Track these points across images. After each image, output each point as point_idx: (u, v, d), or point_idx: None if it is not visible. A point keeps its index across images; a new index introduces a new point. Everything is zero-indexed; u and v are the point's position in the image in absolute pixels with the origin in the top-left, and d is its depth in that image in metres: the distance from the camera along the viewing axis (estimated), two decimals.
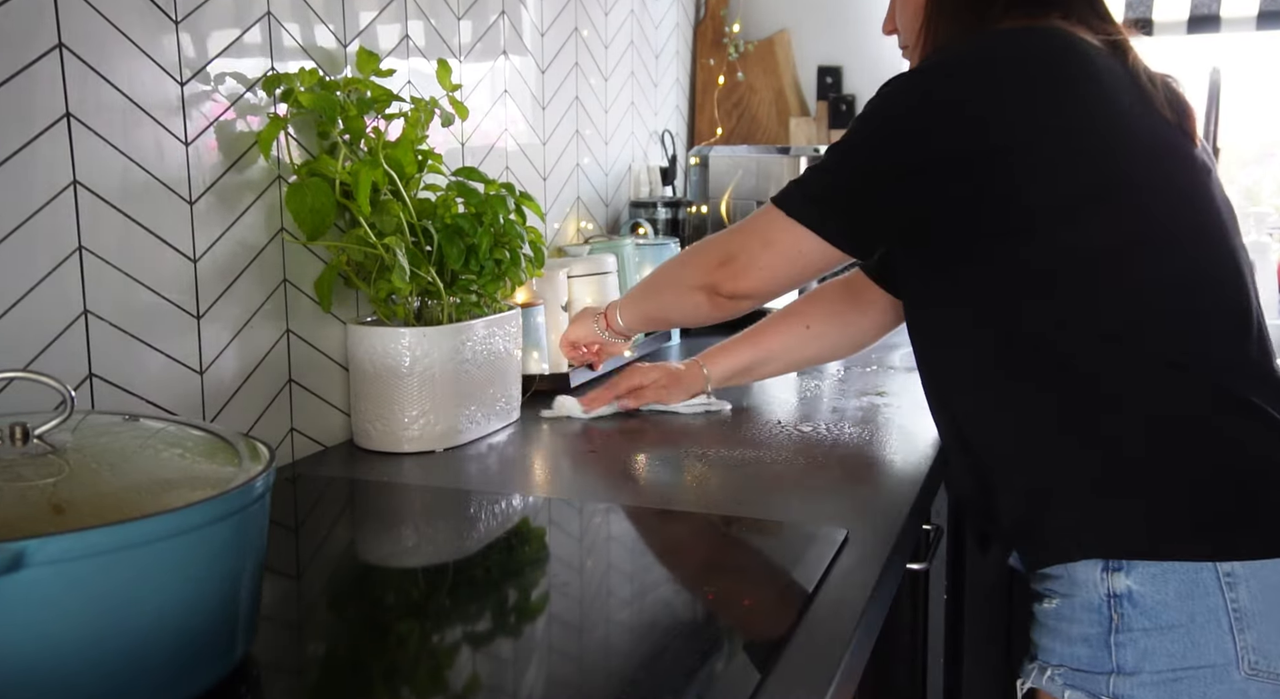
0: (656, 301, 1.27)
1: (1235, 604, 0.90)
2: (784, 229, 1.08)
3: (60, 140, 0.95)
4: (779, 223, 1.08)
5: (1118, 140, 0.96)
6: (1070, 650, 0.97)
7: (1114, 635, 0.93)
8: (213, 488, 0.66)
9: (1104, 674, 0.94)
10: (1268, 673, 0.89)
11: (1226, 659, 0.89)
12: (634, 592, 0.90)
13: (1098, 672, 0.94)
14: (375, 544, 1.05)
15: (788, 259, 1.09)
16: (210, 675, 0.68)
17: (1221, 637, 0.90)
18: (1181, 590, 0.91)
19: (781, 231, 1.08)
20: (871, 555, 0.94)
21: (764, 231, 1.11)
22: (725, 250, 1.14)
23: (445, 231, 1.28)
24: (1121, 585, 0.93)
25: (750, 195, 2.14)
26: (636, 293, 1.32)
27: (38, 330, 0.94)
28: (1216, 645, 0.90)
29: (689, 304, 1.19)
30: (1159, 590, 0.91)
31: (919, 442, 1.31)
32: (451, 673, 0.76)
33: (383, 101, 1.24)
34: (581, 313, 1.41)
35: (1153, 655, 0.91)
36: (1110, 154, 0.95)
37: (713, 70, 2.61)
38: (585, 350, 1.41)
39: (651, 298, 1.28)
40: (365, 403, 1.27)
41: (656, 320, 1.34)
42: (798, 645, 0.77)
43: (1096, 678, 0.94)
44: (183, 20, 1.06)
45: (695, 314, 1.20)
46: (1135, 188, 0.96)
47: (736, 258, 1.12)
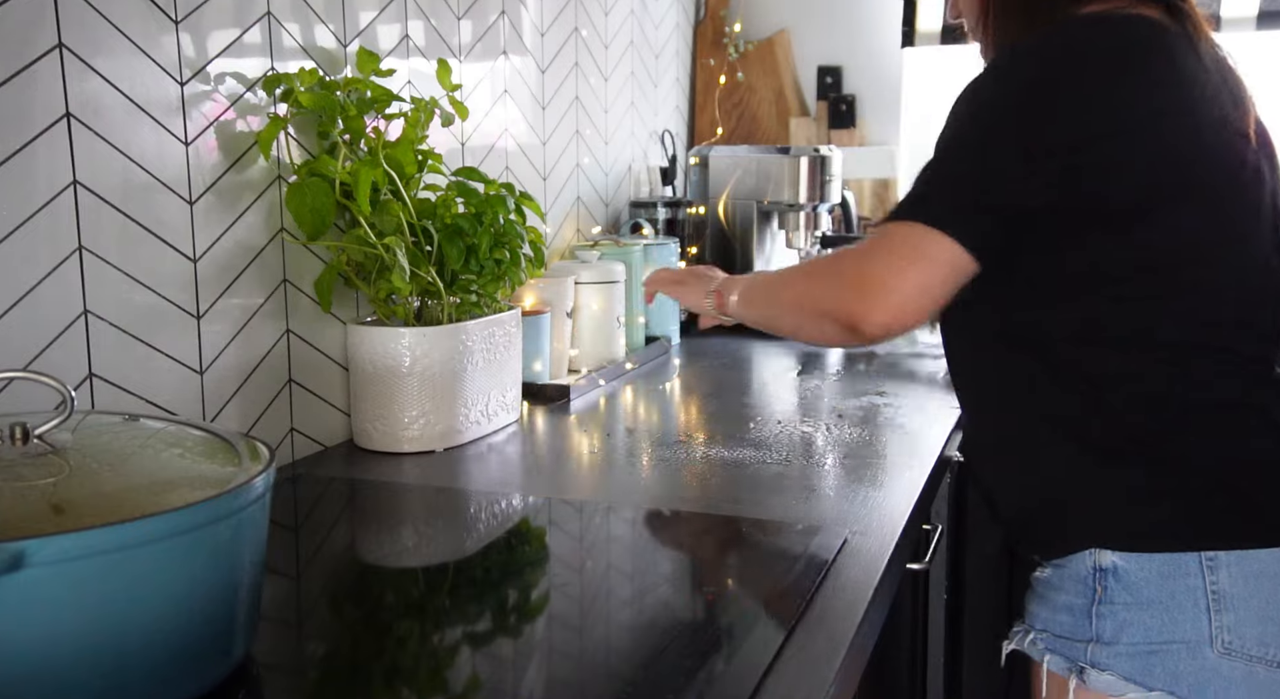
0: (778, 317, 1.15)
1: (1215, 587, 0.93)
2: (931, 244, 0.96)
3: (60, 140, 0.95)
4: (922, 238, 0.96)
5: (1193, 137, 0.94)
6: (1054, 617, 1.01)
7: (1096, 606, 0.97)
8: (213, 488, 0.66)
9: (1083, 642, 0.98)
10: (1240, 653, 0.93)
11: (1201, 637, 0.93)
12: (634, 592, 0.90)
13: (1077, 639, 0.98)
14: (375, 544, 1.05)
15: (937, 277, 0.97)
16: (210, 675, 0.68)
17: (1198, 616, 0.93)
18: (1164, 570, 0.94)
19: (929, 247, 0.96)
20: (871, 555, 0.94)
21: (904, 249, 0.97)
22: (862, 273, 0.99)
23: (445, 231, 1.28)
24: (1108, 561, 0.96)
25: (750, 195, 2.14)
26: (759, 292, 1.20)
27: (38, 330, 0.94)
28: (1193, 624, 0.93)
29: (815, 331, 1.07)
30: (1142, 567, 0.95)
31: (919, 441, 1.31)
32: (451, 673, 0.76)
33: (383, 101, 1.24)
34: (693, 273, 1.34)
35: (1130, 628, 0.95)
36: (1185, 151, 0.94)
37: (713, 70, 2.61)
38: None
39: (774, 309, 1.16)
40: (365, 403, 1.27)
41: (773, 329, 1.21)
42: (798, 645, 0.77)
43: (1076, 645, 0.99)
44: (183, 20, 1.06)
45: (822, 341, 1.09)
46: (1204, 188, 0.95)
47: (878, 282, 0.98)
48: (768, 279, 1.21)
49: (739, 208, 2.15)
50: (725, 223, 2.17)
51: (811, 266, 1.11)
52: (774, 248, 2.20)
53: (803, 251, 2.19)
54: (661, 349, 1.91)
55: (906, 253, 0.96)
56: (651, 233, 2.14)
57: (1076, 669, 0.98)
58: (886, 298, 0.97)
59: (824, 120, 2.62)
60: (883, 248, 0.99)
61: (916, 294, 0.96)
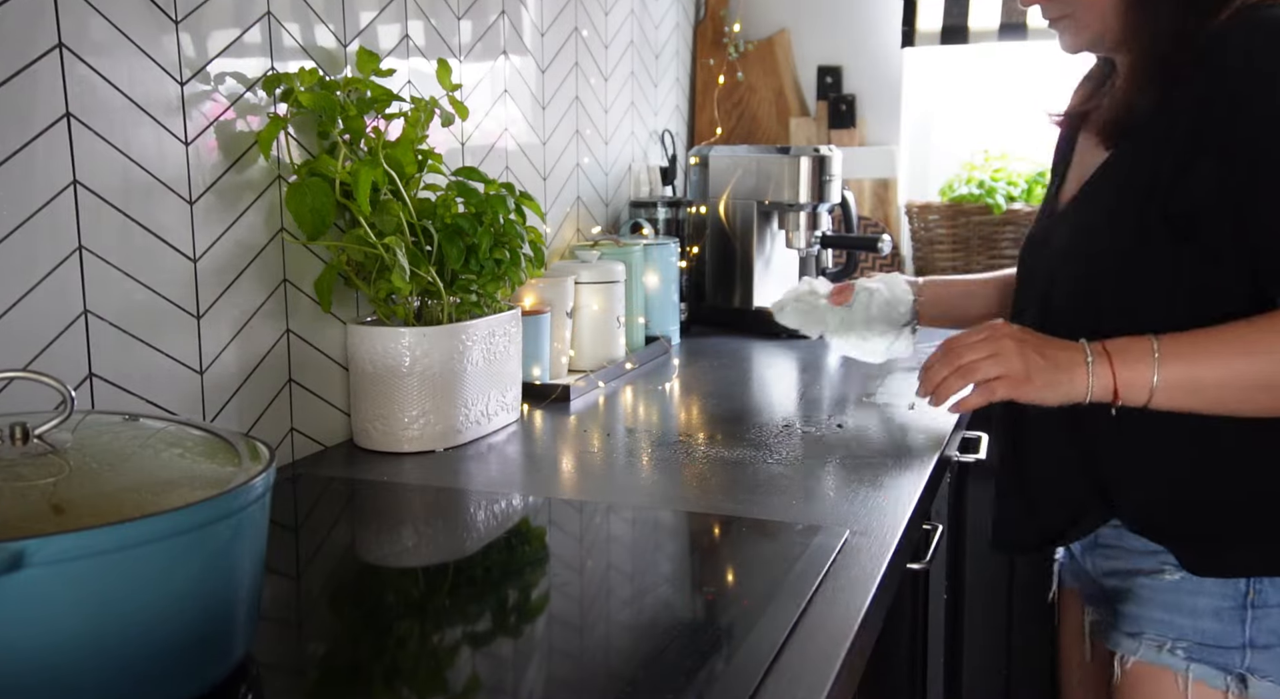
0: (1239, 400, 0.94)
1: None
2: None
3: (60, 140, 0.95)
4: None
5: None
6: (1195, 624, 0.95)
7: (1249, 610, 0.92)
8: (213, 488, 0.66)
9: (1236, 648, 0.93)
10: None
11: None
12: (634, 592, 0.90)
13: (1229, 646, 0.93)
14: (375, 544, 1.05)
15: None
16: (210, 675, 0.68)
17: None
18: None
19: None
20: (871, 555, 0.94)
21: None
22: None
23: (445, 231, 1.28)
24: None
25: (750, 195, 2.14)
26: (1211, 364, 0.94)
27: (38, 330, 0.94)
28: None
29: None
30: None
31: (919, 441, 1.31)
32: (451, 673, 0.76)
33: (383, 102, 1.24)
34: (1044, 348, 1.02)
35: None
36: None
37: (713, 70, 2.61)
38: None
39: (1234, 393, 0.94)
40: (365, 403, 1.27)
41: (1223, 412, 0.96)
42: (798, 645, 0.77)
43: (1228, 652, 0.93)
44: (183, 20, 1.06)
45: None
46: None
47: None
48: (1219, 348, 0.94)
49: (739, 208, 2.15)
50: (725, 223, 2.17)
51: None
52: (774, 248, 2.20)
53: (803, 251, 2.19)
54: (661, 349, 1.91)
55: None
56: (651, 233, 2.14)
57: (1236, 678, 0.92)
58: None
59: (824, 120, 2.62)
60: None
61: None
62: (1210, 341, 0.94)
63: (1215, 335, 0.94)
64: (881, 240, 2.07)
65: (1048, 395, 0.99)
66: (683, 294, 2.07)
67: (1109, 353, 0.97)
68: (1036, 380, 0.99)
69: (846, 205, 2.23)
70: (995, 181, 2.33)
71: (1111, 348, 0.97)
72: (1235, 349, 0.92)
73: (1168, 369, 0.94)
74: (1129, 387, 0.95)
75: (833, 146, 2.14)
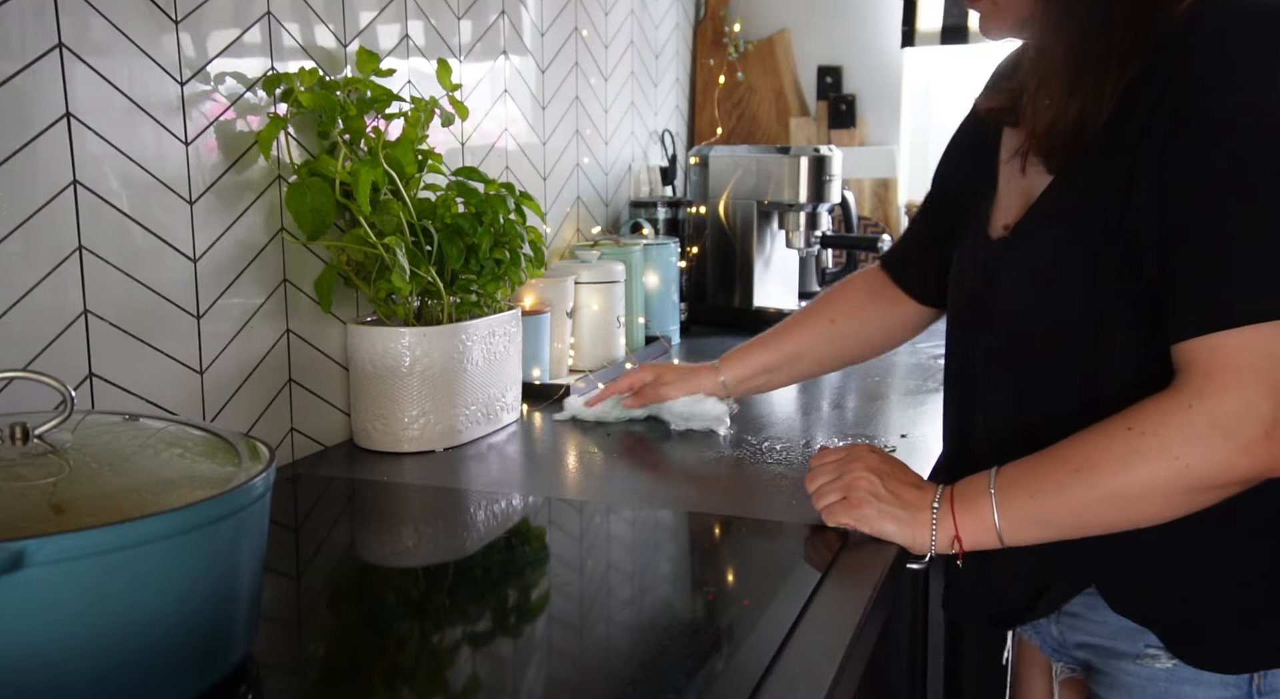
0: (1106, 512, 0.84)
1: None
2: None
3: (60, 140, 0.95)
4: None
5: None
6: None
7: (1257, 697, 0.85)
8: (213, 488, 0.66)
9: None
10: None
11: None
12: (634, 592, 0.90)
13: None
14: (375, 544, 1.05)
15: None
16: (210, 675, 0.68)
17: None
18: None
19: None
20: (871, 556, 0.94)
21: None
22: (1250, 421, 0.77)
23: (445, 231, 1.28)
24: None
25: (750, 195, 2.14)
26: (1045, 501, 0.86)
27: (38, 330, 0.94)
28: None
29: (1189, 507, 0.82)
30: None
31: (919, 442, 1.31)
32: (452, 673, 0.76)
33: (383, 102, 1.24)
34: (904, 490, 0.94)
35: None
36: None
37: (713, 70, 2.61)
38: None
39: (1091, 509, 0.84)
40: (365, 403, 1.27)
41: (1078, 535, 0.87)
42: (798, 645, 0.77)
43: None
44: (183, 20, 1.06)
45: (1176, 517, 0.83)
46: None
47: (1276, 416, 0.77)
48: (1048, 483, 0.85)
49: (739, 208, 2.15)
50: (725, 223, 2.17)
51: (1143, 441, 0.81)
52: (774, 248, 2.20)
53: (803, 251, 2.19)
54: (661, 349, 1.91)
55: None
56: (651, 233, 2.15)
57: None
58: None
59: (824, 120, 2.62)
60: (1248, 373, 0.77)
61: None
62: (1045, 466, 0.85)
63: (1049, 458, 0.85)
64: (881, 240, 2.07)
65: (887, 531, 0.93)
66: (683, 294, 2.07)
67: (954, 496, 0.89)
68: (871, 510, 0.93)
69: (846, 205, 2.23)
70: None
71: (957, 491, 0.89)
72: (1070, 469, 0.84)
73: (1007, 508, 0.86)
74: (973, 533, 0.88)
75: (833, 146, 2.14)
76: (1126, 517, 0.84)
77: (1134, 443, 0.81)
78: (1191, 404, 0.78)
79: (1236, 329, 0.76)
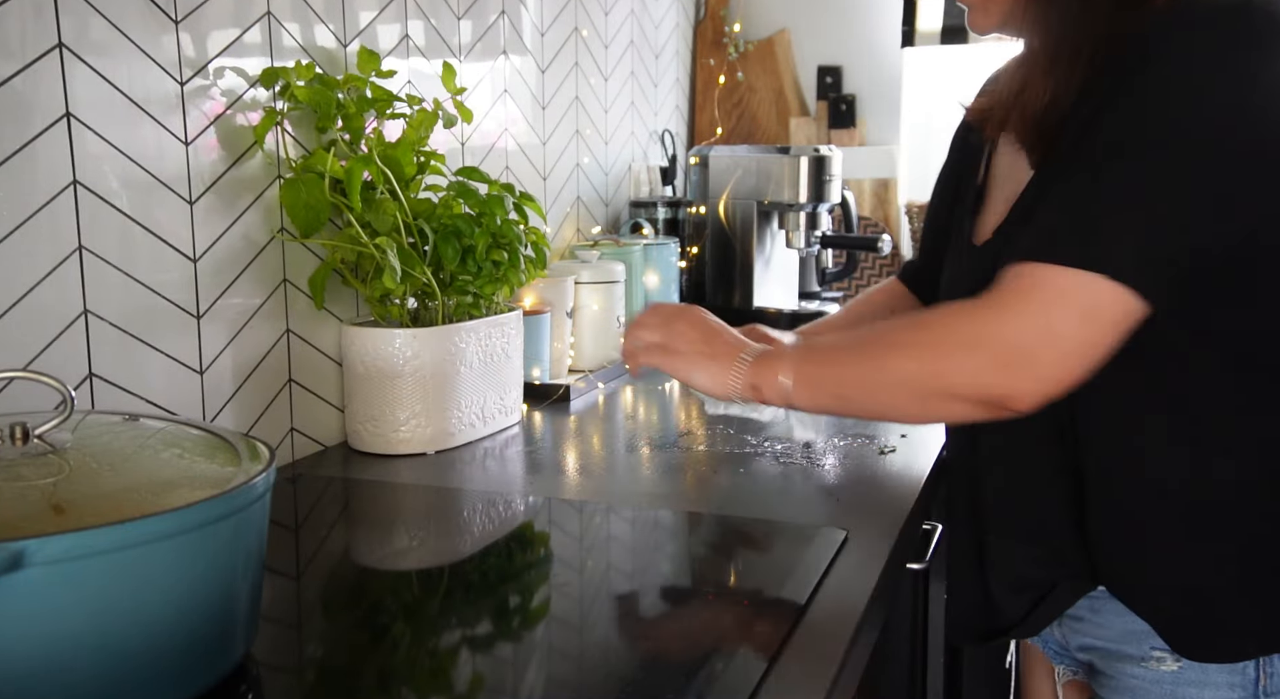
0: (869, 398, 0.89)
1: None
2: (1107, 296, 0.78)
3: (60, 140, 0.95)
4: (1094, 290, 0.78)
5: None
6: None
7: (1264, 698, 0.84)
8: (213, 488, 0.66)
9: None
10: None
11: None
12: (634, 592, 0.90)
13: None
14: (375, 545, 1.05)
15: (1113, 330, 0.79)
16: (210, 675, 0.68)
17: None
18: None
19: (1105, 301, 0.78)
20: (871, 555, 0.94)
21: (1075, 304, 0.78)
22: (1013, 345, 0.80)
23: (442, 232, 1.28)
24: None
25: (750, 195, 2.14)
26: (833, 372, 0.90)
27: (38, 330, 0.94)
28: None
29: (940, 414, 0.87)
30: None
31: (919, 441, 1.31)
32: (452, 673, 0.76)
33: (383, 103, 1.24)
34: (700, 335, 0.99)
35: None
36: None
37: (713, 70, 2.61)
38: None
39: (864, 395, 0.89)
40: (358, 404, 1.26)
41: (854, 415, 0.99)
42: (798, 645, 0.77)
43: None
44: (183, 20, 1.06)
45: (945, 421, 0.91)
46: None
47: (1038, 352, 0.79)
48: (842, 352, 0.91)
49: (739, 208, 2.15)
50: (725, 223, 2.17)
51: (918, 334, 0.86)
52: (774, 248, 2.20)
53: (803, 251, 2.19)
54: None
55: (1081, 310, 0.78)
56: (651, 233, 2.14)
57: None
58: (1054, 366, 0.79)
59: (824, 120, 2.62)
60: (1040, 306, 0.79)
61: (1087, 358, 0.79)
62: (845, 340, 0.92)
63: (853, 334, 0.92)
64: (881, 240, 2.07)
65: (695, 378, 0.97)
66: (683, 294, 2.07)
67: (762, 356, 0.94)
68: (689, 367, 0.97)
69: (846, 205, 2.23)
70: None
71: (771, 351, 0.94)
72: (857, 345, 0.89)
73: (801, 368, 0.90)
74: (770, 385, 0.92)
75: (833, 146, 2.14)
76: (881, 402, 0.88)
77: (915, 336, 0.85)
78: (980, 314, 0.82)
79: (1059, 267, 0.78)
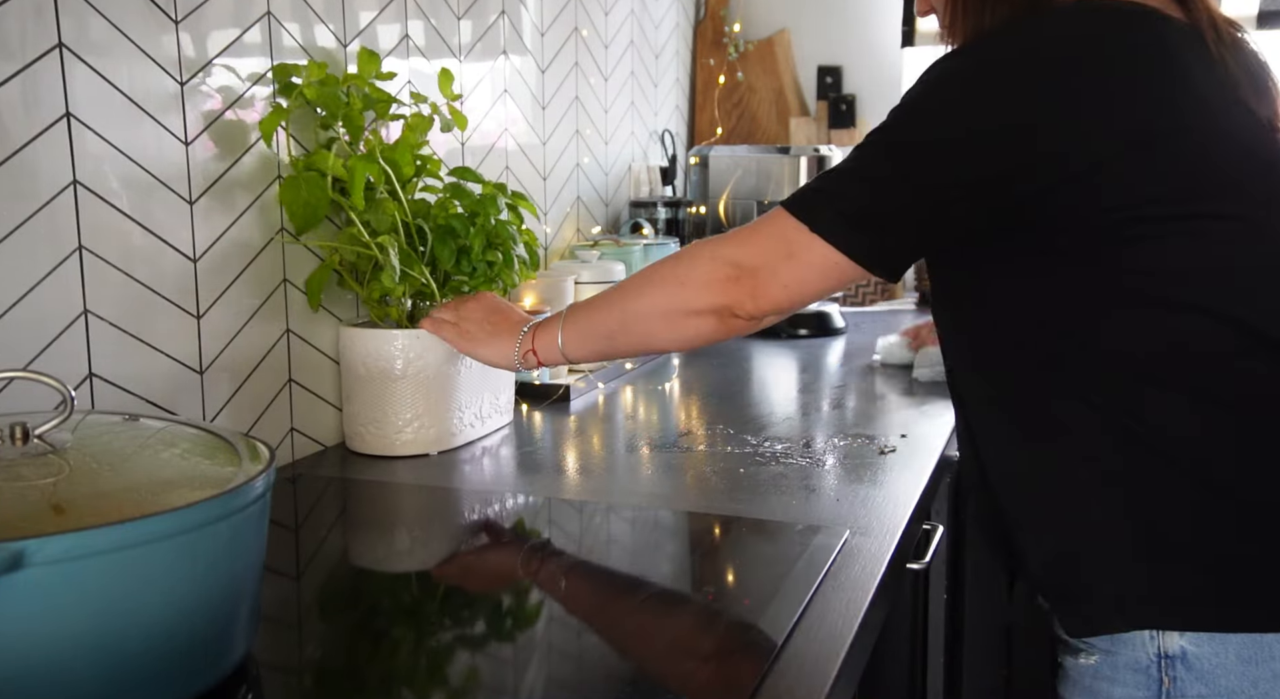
0: (627, 333, 1.05)
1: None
2: (809, 243, 0.92)
3: (60, 140, 0.95)
4: (802, 236, 0.92)
5: (1205, 144, 0.83)
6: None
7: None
8: (213, 488, 0.66)
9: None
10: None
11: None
12: (634, 592, 0.90)
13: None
14: (375, 545, 1.05)
15: (819, 272, 0.93)
16: (210, 675, 0.68)
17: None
18: (1244, 654, 0.82)
19: (807, 246, 0.92)
20: (871, 555, 0.94)
21: (784, 243, 0.94)
22: (738, 264, 0.96)
23: (438, 232, 1.28)
24: (1175, 645, 0.83)
25: (750, 195, 2.14)
26: (596, 319, 1.08)
27: (38, 330, 0.94)
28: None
29: (686, 331, 1.01)
30: (1218, 652, 0.82)
31: (919, 441, 1.31)
32: (452, 673, 0.76)
33: (383, 104, 1.24)
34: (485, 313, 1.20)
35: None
36: (1196, 160, 0.82)
37: (713, 70, 2.61)
38: None
39: (619, 328, 1.05)
40: (358, 406, 1.26)
41: (621, 353, 1.11)
42: (797, 645, 0.77)
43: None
44: (183, 20, 1.06)
45: (691, 341, 1.02)
46: (1224, 197, 0.83)
47: (757, 273, 0.95)
48: (601, 299, 1.08)
49: (739, 208, 2.15)
50: (725, 223, 2.17)
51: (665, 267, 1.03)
52: None
53: None
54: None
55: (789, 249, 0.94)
56: (651, 233, 2.15)
57: None
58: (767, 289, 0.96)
59: (824, 120, 2.62)
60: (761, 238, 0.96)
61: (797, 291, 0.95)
62: (606, 292, 1.08)
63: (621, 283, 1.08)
64: None
65: (479, 352, 1.18)
66: None
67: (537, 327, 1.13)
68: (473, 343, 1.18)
69: None
70: None
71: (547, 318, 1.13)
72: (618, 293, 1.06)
73: (569, 325, 1.09)
74: (545, 347, 1.12)
75: (833, 146, 2.14)
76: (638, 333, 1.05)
77: (663, 269, 1.03)
78: (723, 240, 0.99)
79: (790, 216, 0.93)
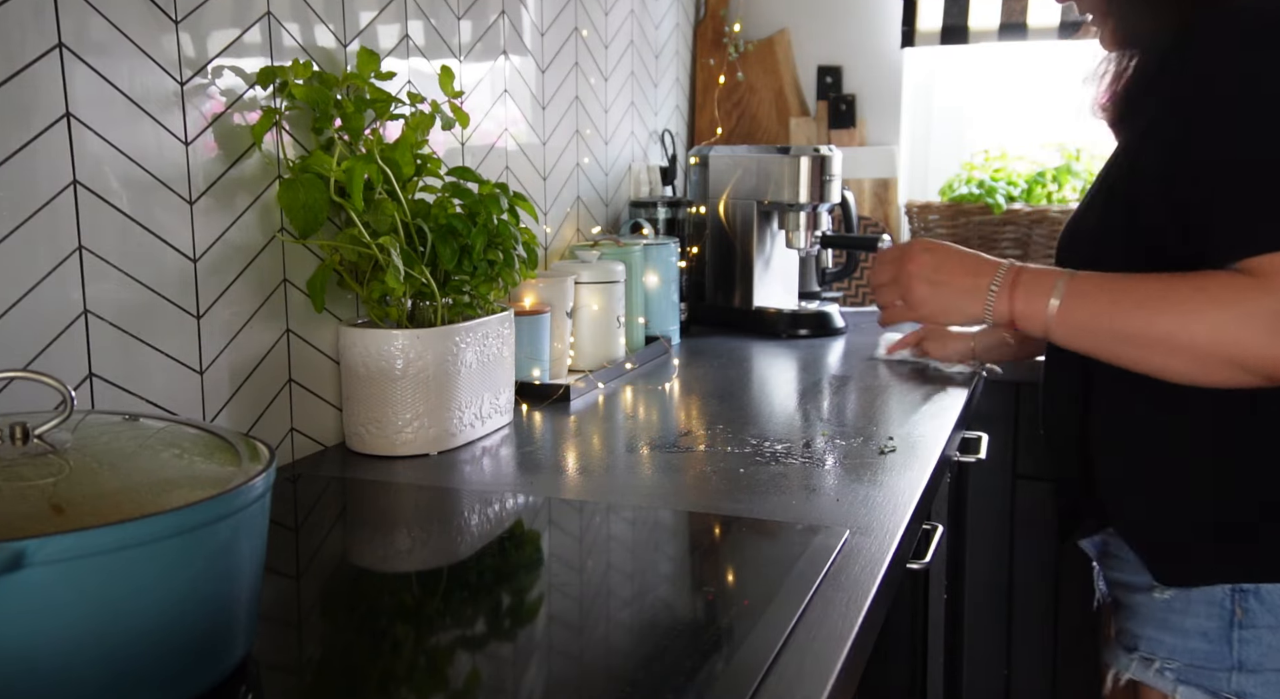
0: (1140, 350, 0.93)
1: None
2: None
3: (60, 140, 0.95)
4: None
5: None
6: (1184, 644, 0.93)
7: (1236, 630, 0.90)
8: (213, 488, 0.66)
9: (1224, 670, 0.91)
10: None
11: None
12: (634, 592, 0.90)
13: (1217, 668, 0.91)
14: (375, 545, 1.05)
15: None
16: (210, 675, 0.68)
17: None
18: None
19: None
20: (872, 555, 0.94)
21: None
22: None
23: (439, 232, 1.28)
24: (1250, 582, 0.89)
25: (750, 195, 2.14)
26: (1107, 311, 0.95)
27: (38, 330, 0.94)
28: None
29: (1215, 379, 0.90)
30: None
31: (919, 441, 1.31)
32: (452, 673, 0.76)
33: (382, 104, 1.24)
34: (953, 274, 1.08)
35: (1278, 652, 0.88)
36: None
37: (713, 70, 2.61)
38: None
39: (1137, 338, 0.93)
40: (358, 406, 1.26)
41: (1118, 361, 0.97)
42: (798, 645, 0.77)
43: (1215, 674, 0.91)
44: (183, 20, 1.06)
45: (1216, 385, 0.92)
46: None
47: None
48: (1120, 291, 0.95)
49: (739, 208, 2.15)
50: (725, 223, 2.17)
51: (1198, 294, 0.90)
52: (774, 248, 2.20)
53: (803, 251, 2.19)
54: (661, 349, 1.91)
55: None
56: (651, 233, 2.14)
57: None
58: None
59: (824, 120, 2.62)
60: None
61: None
62: (1119, 290, 0.94)
63: (1127, 284, 0.94)
64: (881, 240, 2.07)
65: (948, 319, 1.09)
66: (683, 294, 2.07)
67: (1017, 283, 1.00)
68: (930, 306, 1.09)
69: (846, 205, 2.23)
70: (995, 181, 2.33)
71: (1022, 277, 1.00)
72: (1139, 300, 0.92)
73: (1066, 308, 0.96)
74: (1025, 318, 1.00)
75: (833, 146, 2.14)
76: (1158, 361, 0.92)
77: (1199, 302, 0.89)
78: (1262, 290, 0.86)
79: None
